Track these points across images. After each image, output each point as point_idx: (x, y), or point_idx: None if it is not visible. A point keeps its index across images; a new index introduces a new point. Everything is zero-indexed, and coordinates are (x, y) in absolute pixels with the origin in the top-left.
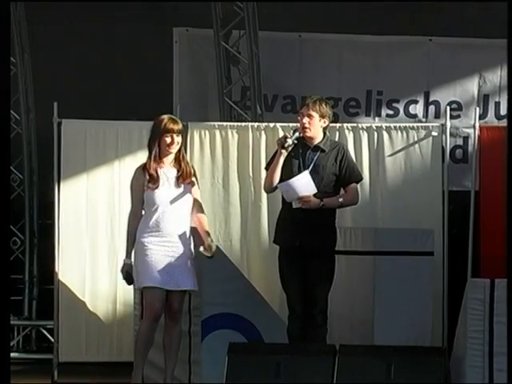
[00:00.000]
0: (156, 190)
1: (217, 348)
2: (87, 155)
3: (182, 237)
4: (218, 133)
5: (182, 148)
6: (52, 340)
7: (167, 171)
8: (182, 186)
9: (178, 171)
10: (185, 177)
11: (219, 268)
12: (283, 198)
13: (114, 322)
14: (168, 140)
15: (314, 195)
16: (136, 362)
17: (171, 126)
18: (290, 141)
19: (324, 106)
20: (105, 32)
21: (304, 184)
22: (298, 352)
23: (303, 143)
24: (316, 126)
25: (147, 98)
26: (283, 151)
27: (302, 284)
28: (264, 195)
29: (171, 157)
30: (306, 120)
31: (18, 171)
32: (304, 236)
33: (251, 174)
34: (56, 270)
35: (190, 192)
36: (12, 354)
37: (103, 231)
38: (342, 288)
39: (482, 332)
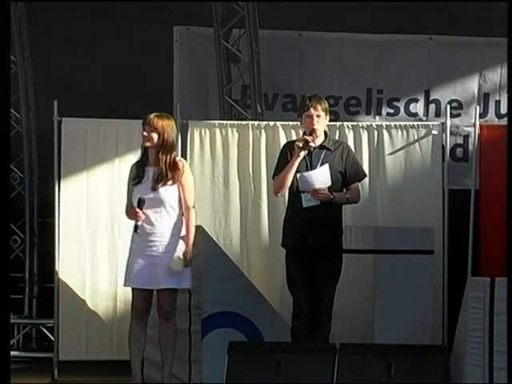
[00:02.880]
0: (135, 188)
1: (217, 347)
2: (87, 154)
3: (163, 236)
4: (218, 131)
5: (162, 148)
6: (52, 338)
7: (150, 170)
8: (160, 186)
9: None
10: (162, 178)
11: (219, 267)
12: (288, 200)
13: (115, 321)
14: (142, 133)
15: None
16: (132, 362)
17: (145, 119)
18: (312, 144)
19: (323, 102)
20: (105, 32)
21: (322, 176)
22: (299, 351)
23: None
24: (323, 125)
25: (147, 97)
26: (302, 153)
27: (309, 282)
28: (264, 194)
29: (153, 154)
30: (316, 121)
31: (18, 170)
32: (315, 235)
33: (251, 173)
34: (56, 268)
35: (174, 193)
36: (12, 353)
37: (103, 229)
38: (342, 287)
39: (482, 330)
